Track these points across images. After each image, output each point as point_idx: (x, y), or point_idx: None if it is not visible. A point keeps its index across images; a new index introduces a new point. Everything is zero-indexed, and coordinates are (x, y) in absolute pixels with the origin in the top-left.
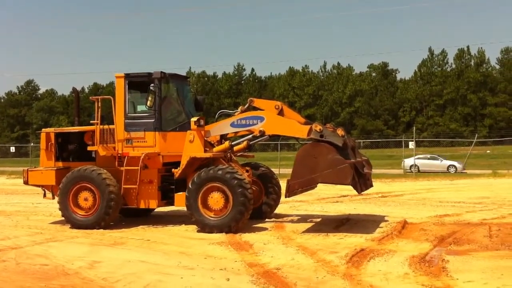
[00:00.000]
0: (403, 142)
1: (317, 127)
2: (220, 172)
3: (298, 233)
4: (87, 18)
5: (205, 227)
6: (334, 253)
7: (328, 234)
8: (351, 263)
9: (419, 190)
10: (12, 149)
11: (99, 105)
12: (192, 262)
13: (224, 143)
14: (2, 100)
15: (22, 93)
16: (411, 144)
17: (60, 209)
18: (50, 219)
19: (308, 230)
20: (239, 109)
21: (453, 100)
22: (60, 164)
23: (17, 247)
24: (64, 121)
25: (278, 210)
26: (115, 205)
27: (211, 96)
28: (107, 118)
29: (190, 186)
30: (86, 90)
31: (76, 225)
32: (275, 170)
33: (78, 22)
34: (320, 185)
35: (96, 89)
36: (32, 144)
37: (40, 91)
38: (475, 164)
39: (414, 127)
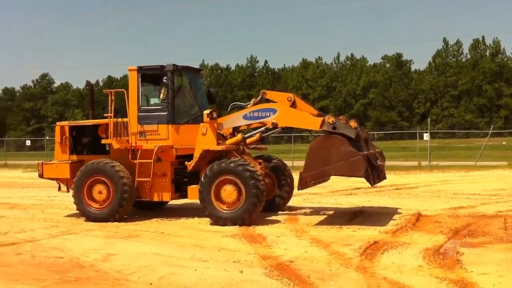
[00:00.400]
0: (417, 134)
1: (330, 119)
2: (232, 164)
3: (311, 225)
4: (102, 11)
5: (218, 220)
6: (347, 245)
7: (342, 226)
8: (364, 255)
9: (434, 182)
10: (28, 142)
11: (113, 98)
12: (206, 254)
13: (236, 135)
14: (17, 94)
15: (37, 86)
16: (426, 136)
17: (74, 202)
18: (66, 212)
19: (321, 223)
20: (251, 102)
21: (468, 91)
22: (74, 157)
23: (33, 240)
24: (79, 114)
25: (292, 202)
26: (128, 197)
27: (224, 89)
28: (121, 111)
29: (202, 179)
30: (101, 83)
31: (91, 218)
32: (289, 163)
33: (93, 15)
34: (333, 178)
35: (110, 82)
36: (47, 137)
37: (55, 85)
38: (491, 155)
39: (428, 119)
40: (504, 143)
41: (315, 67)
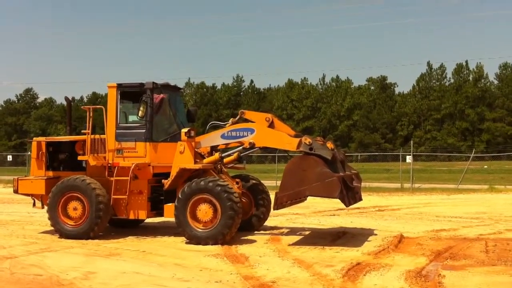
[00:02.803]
0: (400, 156)
1: (307, 140)
2: (210, 184)
3: (294, 246)
4: (86, 27)
5: (192, 239)
6: (330, 266)
7: (324, 247)
8: (347, 277)
9: (416, 204)
10: (9, 157)
11: (91, 114)
12: (188, 274)
13: (214, 154)
14: (0, 108)
15: (20, 101)
16: (409, 158)
17: (49, 219)
18: (45, 228)
19: (304, 243)
20: (230, 121)
21: (451, 114)
22: (50, 173)
23: (12, 257)
24: (62, 129)
25: (274, 222)
26: (104, 215)
27: (209, 107)
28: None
29: (180, 195)
30: (85, 99)
31: (65, 235)
32: (272, 182)
33: (78, 31)
34: (316, 198)
35: (95, 98)
36: (29, 153)
37: (39, 100)
38: (472, 179)
39: (411, 141)
40: (485, 167)
41: (301, 88)
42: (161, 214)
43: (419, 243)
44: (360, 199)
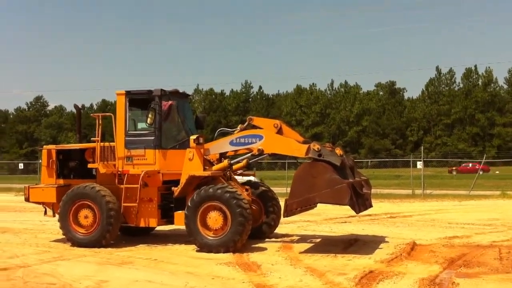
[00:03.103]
0: (411, 162)
1: (315, 146)
2: (219, 191)
3: (306, 253)
4: (96, 35)
5: (203, 247)
6: (342, 274)
7: (337, 255)
8: (360, 285)
9: (428, 211)
10: (21, 165)
11: (100, 122)
12: (200, 282)
13: (223, 161)
14: (11, 116)
15: (31, 109)
16: (419, 164)
17: (60, 228)
18: (58, 237)
19: (316, 251)
20: (238, 128)
21: (461, 119)
22: (61, 181)
23: (25, 266)
24: (72, 137)
25: (286, 230)
26: (115, 222)
27: (218, 114)
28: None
29: (189, 204)
30: (95, 107)
31: (77, 243)
32: (283, 189)
33: (87, 38)
34: (327, 205)
35: (104, 105)
36: (40, 161)
37: (49, 108)
38: (484, 185)
39: (422, 147)
40: (497, 172)
41: (309, 94)
42: (171, 221)
43: (432, 250)
44: (370, 206)
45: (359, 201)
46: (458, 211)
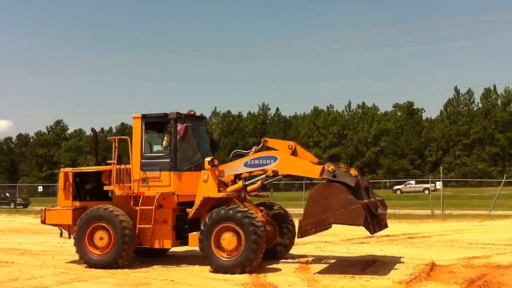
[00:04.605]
0: (430, 182)
1: (330, 167)
2: (231, 211)
3: (323, 274)
4: (114, 58)
5: (219, 269)
6: None
7: (354, 276)
8: None
9: (447, 231)
10: (40, 188)
11: (116, 145)
12: None
13: (238, 182)
14: (31, 140)
15: (51, 133)
16: (438, 184)
17: (76, 251)
18: (75, 258)
19: (333, 272)
20: (253, 149)
21: (481, 139)
22: (77, 203)
23: (43, 287)
24: (91, 160)
25: (303, 251)
26: (130, 242)
27: (236, 136)
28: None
29: (202, 227)
30: (114, 130)
31: (93, 264)
32: (300, 210)
33: (104, 63)
34: (345, 226)
35: (123, 129)
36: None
37: (69, 131)
38: (504, 205)
39: (441, 167)
40: None
41: (327, 115)
42: (185, 243)
43: (452, 271)
44: (386, 226)
45: (374, 222)
46: (478, 231)
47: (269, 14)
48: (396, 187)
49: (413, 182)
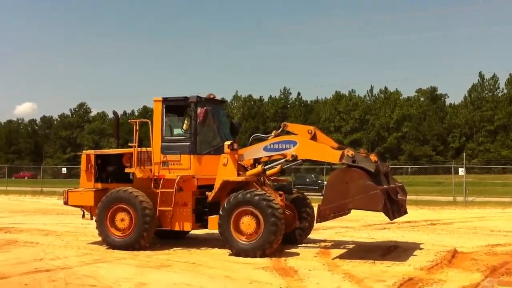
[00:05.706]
0: (452, 169)
1: (349, 152)
2: (248, 195)
3: (344, 259)
4: (137, 43)
5: (240, 252)
6: (381, 281)
7: (375, 261)
8: None
9: (470, 218)
10: (64, 170)
11: (137, 128)
12: (237, 286)
13: (257, 167)
14: (55, 122)
15: (74, 115)
16: (461, 171)
17: (97, 230)
18: (98, 239)
19: (354, 257)
20: (272, 134)
21: (505, 126)
22: (99, 185)
23: (67, 267)
24: (114, 143)
25: (323, 236)
26: (151, 224)
27: (257, 120)
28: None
29: (221, 212)
30: (136, 113)
31: (112, 245)
32: (320, 195)
33: (130, 48)
34: (366, 212)
35: (145, 112)
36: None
37: (92, 114)
38: None
39: (464, 154)
40: None
41: (348, 100)
42: (205, 226)
43: (474, 258)
44: (405, 213)
45: (394, 208)
46: (501, 218)
47: None
48: None
49: None
